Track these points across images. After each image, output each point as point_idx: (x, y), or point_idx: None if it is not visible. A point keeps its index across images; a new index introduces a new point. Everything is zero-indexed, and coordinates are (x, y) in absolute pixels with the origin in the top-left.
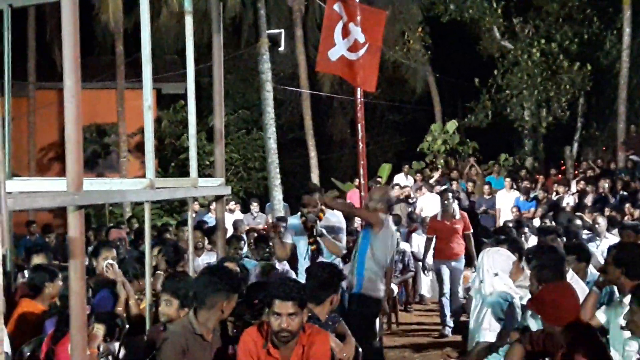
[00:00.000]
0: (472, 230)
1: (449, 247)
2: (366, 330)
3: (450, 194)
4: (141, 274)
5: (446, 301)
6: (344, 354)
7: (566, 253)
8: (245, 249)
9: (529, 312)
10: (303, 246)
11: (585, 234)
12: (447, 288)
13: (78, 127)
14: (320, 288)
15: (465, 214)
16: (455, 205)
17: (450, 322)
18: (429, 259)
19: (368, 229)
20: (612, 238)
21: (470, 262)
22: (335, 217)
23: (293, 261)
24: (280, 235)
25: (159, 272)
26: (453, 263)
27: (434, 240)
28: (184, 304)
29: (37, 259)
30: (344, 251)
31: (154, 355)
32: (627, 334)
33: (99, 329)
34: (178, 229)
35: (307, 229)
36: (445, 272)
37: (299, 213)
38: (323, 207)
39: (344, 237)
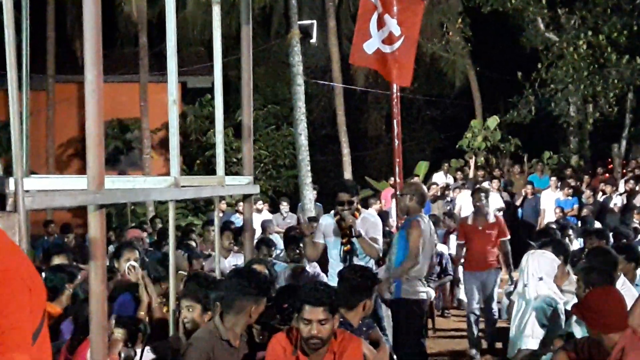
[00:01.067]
0: (508, 237)
1: (481, 255)
2: (413, 336)
3: (483, 194)
4: (164, 277)
5: (474, 318)
6: None
7: (620, 252)
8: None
9: (574, 318)
10: (335, 247)
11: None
12: (475, 304)
13: (99, 122)
14: (352, 292)
15: (501, 217)
16: (489, 206)
17: (478, 344)
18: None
19: (404, 230)
20: None
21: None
22: (372, 217)
23: (324, 263)
24: (312, 235)
25: (181, 272)
26: (485, 274)
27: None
28: (207, 308)
29: (57, 260)
30: (381, 253)
31: None
32: None
33: (120, 334)
34: (204, 230)
35: (341, 229)
36: (475, 286)
37: (332, 212)
38: (359, 206)
39: (380, 238)
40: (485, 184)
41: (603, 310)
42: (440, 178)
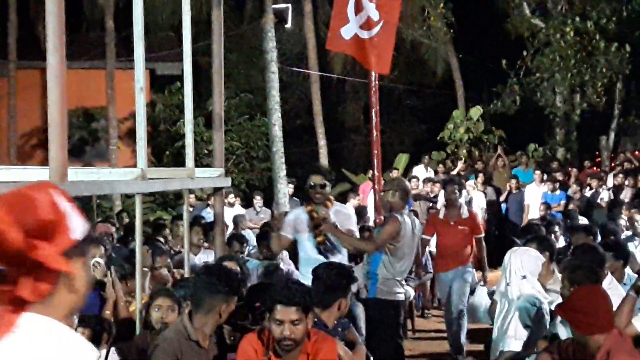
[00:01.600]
0: (483, 234)
1: (453, 254)
2: (388, 339)
3: (456, 186)
4: (130, 274)
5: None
6: None
7: (607, 250)
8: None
9: (559, 319)
10: (310, 240)
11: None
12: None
13: (63, 110)
14: (327, 291)
15: (475, 213)
16: (462, 200)
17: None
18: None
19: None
20: None
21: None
22: (345, 209)
23: (296, 261)
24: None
25: (145, 269)
26: (454, 272)
27: (435, 245)
28: (179, 307)
29: None
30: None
31: None
32: None
33: (84, 334)
34: (173, 225)
35: (312, 218)
36: (445, 289)
37: (303, 205)
38: (331, 197)
39: (356, 231)
40: (471, 182)
41: (588, 311)
42: (420, 171)
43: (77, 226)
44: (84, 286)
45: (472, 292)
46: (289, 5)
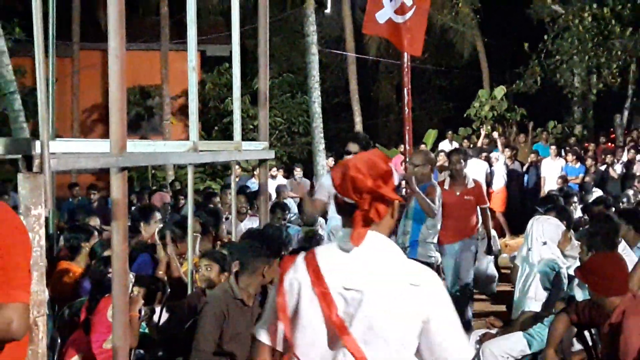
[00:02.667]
0: (488, 204)
1: (458, 225)
2: None
3: (461, 156)
4: (181, 238)
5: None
6: None
7: (623, 217)
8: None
9: (576, 282)
10: None
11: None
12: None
13: (122, 88)
14: None
15: (480, 183)
16: (467, 170)
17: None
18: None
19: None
20: None
21: (487, 245)
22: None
23: None
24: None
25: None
26: (461, 244)
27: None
28: (224, 268)
29: (89, 222)
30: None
31: (195, 319)
32: None
33: (139, 293)
34: (221, 193)
35: None
36: (454, 261)
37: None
38: None
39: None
40: (496, 153)
41: (605, 274)
42: (445, 146)
43: (396, 176)
44: (397, 215)
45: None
46: None
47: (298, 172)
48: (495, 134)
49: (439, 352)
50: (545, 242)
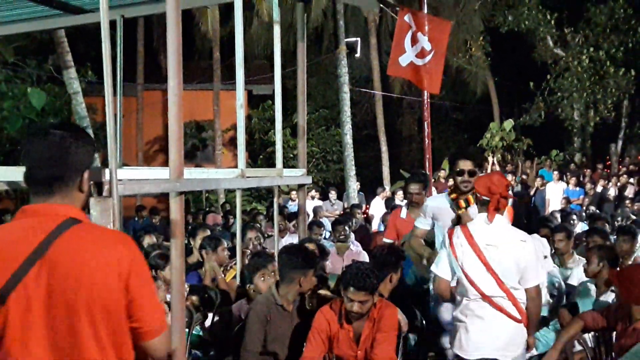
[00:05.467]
0: None
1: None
2: None
3: (420, 184)
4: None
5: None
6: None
7: (620, 233)
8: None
9: (579, 292)
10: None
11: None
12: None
13: (180, 123)
14: (380, 268)
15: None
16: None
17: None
18: None
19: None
20: None
21: None
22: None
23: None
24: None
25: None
26: None
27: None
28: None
29: (147, 239)
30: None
31: (242, 323)
32: None
33: (192, 300)
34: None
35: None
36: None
37: (445, 192)
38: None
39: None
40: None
41: (638, 284)
42: None
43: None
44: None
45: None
46: (358, 39)
47: (333, 194)
48: (494, 163)
49: (526, 276)
50: (546, 255)
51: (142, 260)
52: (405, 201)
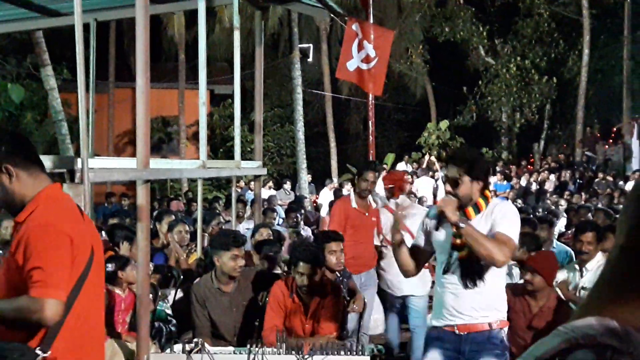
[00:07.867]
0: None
1: (363, 250)
2: None
3: (372, 173)
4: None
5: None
6: (355, 306)
7: (539, 222)
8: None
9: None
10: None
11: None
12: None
13: (147, 118)
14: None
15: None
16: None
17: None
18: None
19: None
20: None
21: None
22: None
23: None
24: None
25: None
26: (366, 275)
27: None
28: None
29: (113, 221)
30: None
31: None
32: None
33: (155, 279)
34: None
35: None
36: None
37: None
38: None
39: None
40: (440, 173)
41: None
42: (402, 167)
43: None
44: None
45: None
46: (311, 45)
47: (287, 185)
48: (433, 160)
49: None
50: None
51: (55, 231)
52: (356, 191)
